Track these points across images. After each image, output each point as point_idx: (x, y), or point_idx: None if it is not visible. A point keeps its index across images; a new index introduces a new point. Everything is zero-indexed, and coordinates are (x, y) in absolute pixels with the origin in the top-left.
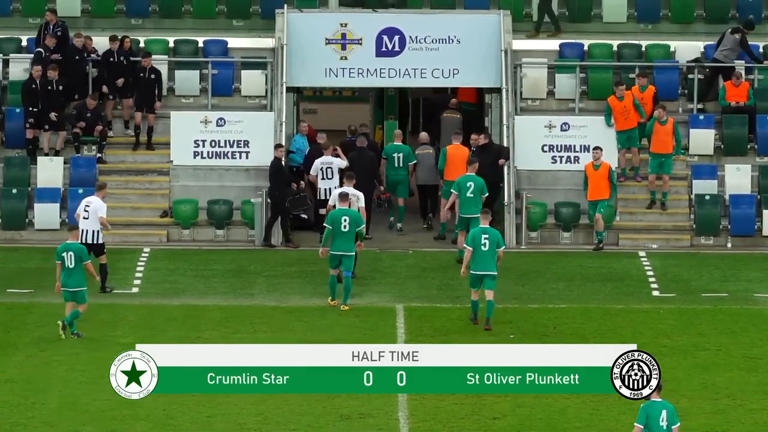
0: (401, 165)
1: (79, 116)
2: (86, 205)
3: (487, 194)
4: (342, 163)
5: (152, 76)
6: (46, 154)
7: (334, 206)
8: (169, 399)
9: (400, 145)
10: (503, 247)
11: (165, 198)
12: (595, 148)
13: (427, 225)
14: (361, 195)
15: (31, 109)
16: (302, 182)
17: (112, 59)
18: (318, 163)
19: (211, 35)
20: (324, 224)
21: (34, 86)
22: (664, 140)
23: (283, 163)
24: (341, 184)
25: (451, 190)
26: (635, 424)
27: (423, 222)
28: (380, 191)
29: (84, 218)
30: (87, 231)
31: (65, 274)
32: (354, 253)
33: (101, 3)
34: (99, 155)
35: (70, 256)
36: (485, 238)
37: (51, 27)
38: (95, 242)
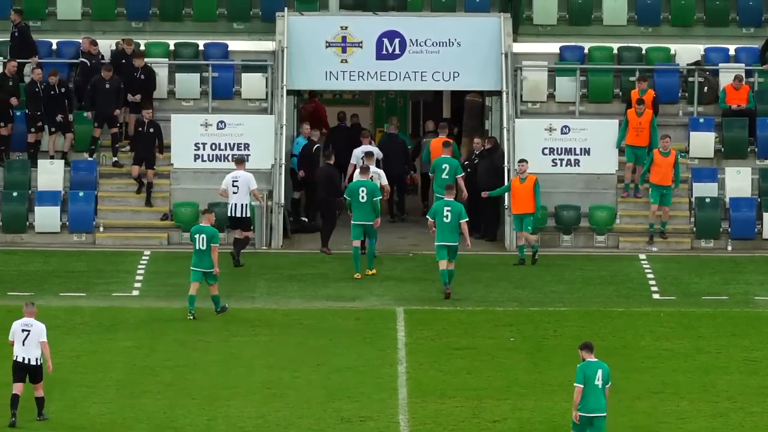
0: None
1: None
2: (234, 180)
3: (462, 174)
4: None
5: (142, 77)
6: (52, 157)
7: (355, 166)
8: (170, 402)
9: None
10: (465, 219)
11: (165, 201)
12: (521, 161)
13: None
14: (382, 173)
15: (32, 112)
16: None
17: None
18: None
19: (212, 38)
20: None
21: (36, 89)
22: (666, 172)
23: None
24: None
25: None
26: (575, 384)
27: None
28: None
29: (233, 193)
30: (237, 205)
31: (196, 255)
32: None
33: (102, 6)
34: (115, 159)
35: (202, 238)
36: (447, 211)
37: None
38: (243, 215)
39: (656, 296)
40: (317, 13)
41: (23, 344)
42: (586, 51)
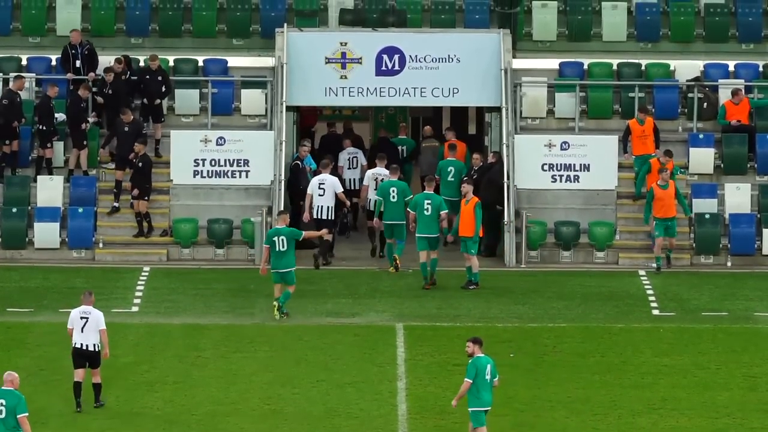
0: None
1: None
2: (320, 183)
3: (465, 176)
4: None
5: (159, 78)
6: (71, 171)
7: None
8: (170, 418)
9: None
10: (445, 210)
11: (165, 217)
12: (465, 181)
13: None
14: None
15: (42, 127)
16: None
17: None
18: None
19: (211, 54)
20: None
21: (51, 105)
22: (668, 204)
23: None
24: (373, 165)
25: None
26: (465, 379)
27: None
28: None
29: (319, 195)
30: (322, 207)
31: (275, 257)
32: (404, 222)
33: (101, 22)
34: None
35: (282, 240)
36: (428, 203)
37: (78, 47)
38: (329, 218)
39: (656, 312)
40: (317, 29)
41: (82, 331)
42: (585, 67)
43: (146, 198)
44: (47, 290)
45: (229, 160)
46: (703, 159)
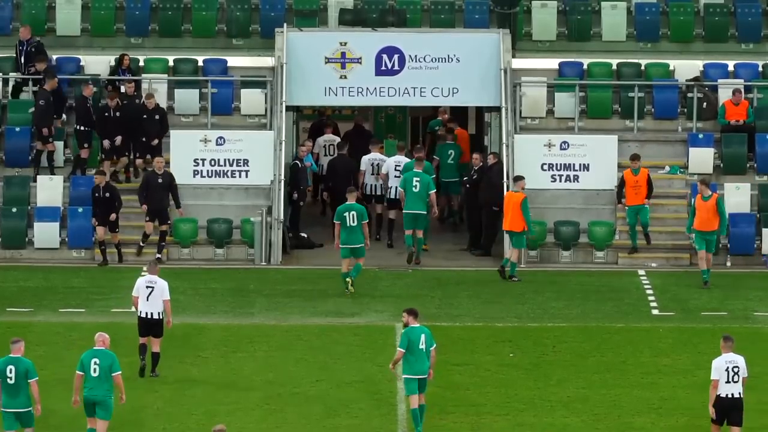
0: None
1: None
2: (396, 165)
3: (434, 190)
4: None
5: (156, 116)
6: (119, 180)
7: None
8: (169, 418)
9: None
10: (433, 190)
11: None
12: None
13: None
14: (386, 159)
15: (81, 128)
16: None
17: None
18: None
19: (211, 54)
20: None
21: (88, 104)
22: (707, 217)
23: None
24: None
25: (399, 187)
26: (398, 348)
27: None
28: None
29: (395, 176)
30: (397, 188)
31: (346, 232)
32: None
33: (101, 22)
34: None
35: (352, 215)
36: (416, 181)
37: (25, 43)
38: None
39: (655, 312)
40: (316, 29)
41: (147, 300)
42: (585, 67)
43: (116, 230)
44: (47, 290)
45: (228, 160)
46: (702, 159)
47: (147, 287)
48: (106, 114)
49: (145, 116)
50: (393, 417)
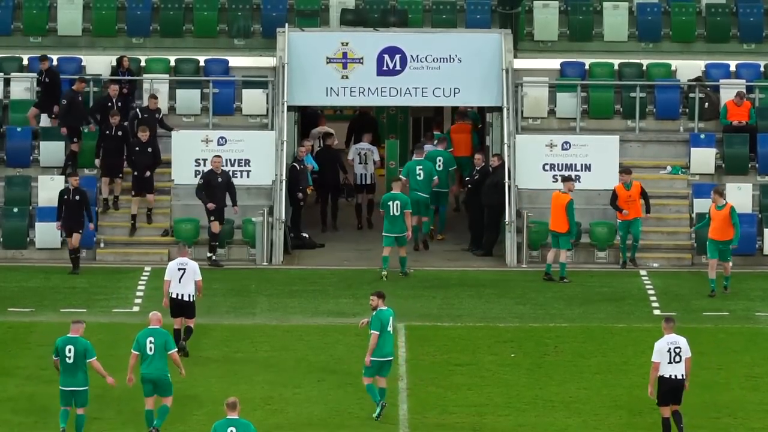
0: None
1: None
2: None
3: (410, 210)
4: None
5: (150, 150)
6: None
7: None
8: (171, 417)
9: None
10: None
11: (166, 217)
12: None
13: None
14: (374, 149)
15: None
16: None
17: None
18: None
19: (212, 54)
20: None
21: (110, 104)
22: (721, 227)
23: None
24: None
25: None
26: (371, 330)
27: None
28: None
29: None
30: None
31: (389, 222)
32: (447, 190)
33: (102, 22)
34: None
35: (396, 204)
36: (419, 169)
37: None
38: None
39: (657, 312)
40: (318, 29)
41: (179, 281)
42: (586, 67)
43: (80, 231)
44: (48, 290)
45: (230, 160)
46: (704, 159)
47: (179, 269)
48: (108, 132)
49: (137, 148)
50: (395, 417)
